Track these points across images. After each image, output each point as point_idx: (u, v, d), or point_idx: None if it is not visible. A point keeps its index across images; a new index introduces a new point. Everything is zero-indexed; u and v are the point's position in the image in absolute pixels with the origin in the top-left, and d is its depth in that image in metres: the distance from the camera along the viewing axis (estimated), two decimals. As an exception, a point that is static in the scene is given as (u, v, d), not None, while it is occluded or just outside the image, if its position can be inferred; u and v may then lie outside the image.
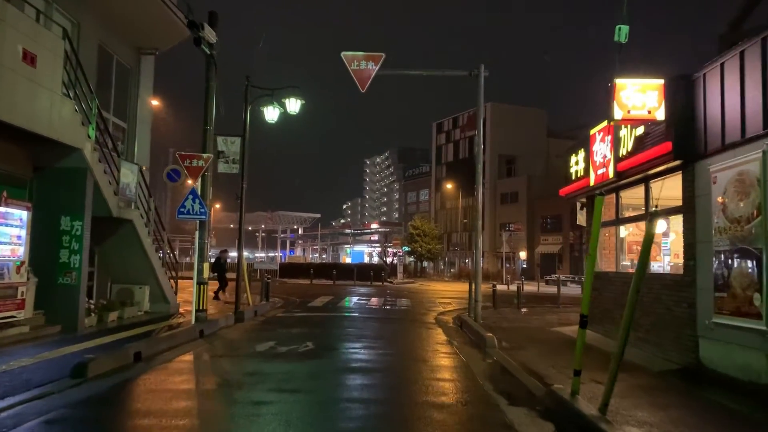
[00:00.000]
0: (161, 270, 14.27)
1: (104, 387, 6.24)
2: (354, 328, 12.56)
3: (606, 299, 11.09)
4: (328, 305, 17.98)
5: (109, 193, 11.57)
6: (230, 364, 7.99)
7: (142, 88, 15.99)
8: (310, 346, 9.30)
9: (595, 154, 10.70)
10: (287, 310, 16.17)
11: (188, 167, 11.49)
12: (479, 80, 13.89)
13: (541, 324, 13.58)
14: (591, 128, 10.89)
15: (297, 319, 13.98)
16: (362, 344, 9.95)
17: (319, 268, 36.55)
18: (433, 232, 55.79)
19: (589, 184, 10.96)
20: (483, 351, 9.46)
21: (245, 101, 14.66)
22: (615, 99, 8.00)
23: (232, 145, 14.78)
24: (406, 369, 7.84)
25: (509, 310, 17.14)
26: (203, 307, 11.81)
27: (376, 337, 11.05)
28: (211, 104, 12.26)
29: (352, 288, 29.40)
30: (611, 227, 11.93)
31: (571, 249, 50.65)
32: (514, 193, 56.58)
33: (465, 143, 64.13)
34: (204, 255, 12.02)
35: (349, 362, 8.22)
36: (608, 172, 9.98)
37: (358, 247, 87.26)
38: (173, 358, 8.20)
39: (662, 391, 6.75)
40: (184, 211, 11.44)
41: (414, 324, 13.53)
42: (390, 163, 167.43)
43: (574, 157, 12.02)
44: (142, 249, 13.32)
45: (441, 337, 11.26)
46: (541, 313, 16.72)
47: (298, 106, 14.89)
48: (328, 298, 20.89)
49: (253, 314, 14.49)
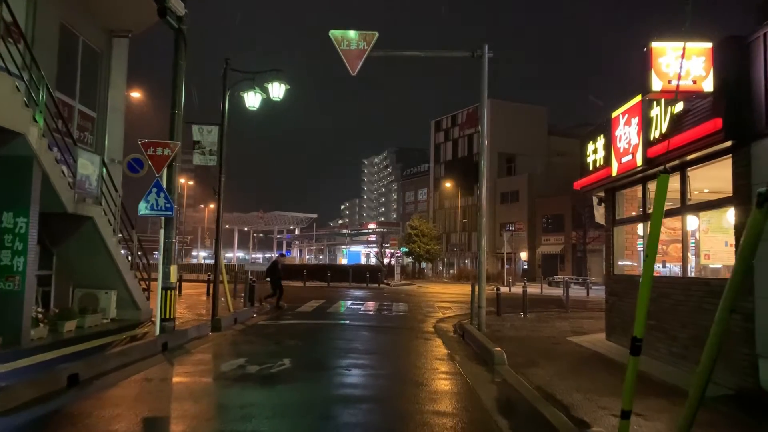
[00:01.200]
0: (130, 273, 12.82)
1: (6, 427, 4.81)
2: (342, 339, 11.13)
3: (629, 306, 9.66)
4: (317, 311, 16.54)
5: (61, 185, 10.11)
6: (181, 391, 6.54)
7: (115, 75, 14.53)
8: (287, 364, 7.85)
9: (618, 140, 9.29)
10: (272, 317, 14.73)
11: (152, 156, 10.06)
12: (483, 62, 12.49)
13: (552, 333, 12.16)
14: (613, 110, 9.48)
15: (280, 328, 12.53)
16: (349, 361, 8.51)
17: (312, 270, 35.10)
18: (432, 232, 54.36)
19: (611, 174, 9.54)
20: (490, 369, 8.04)
21: (224, 86, 13.24)
22: (652, 67, 6.59)
23: (209, 134, 13.38)
24: (399, 397, 6.40)
25: (515, 316, 15.72)
26: (170, 316, 10.38)
27: (367, 351, 9.61)
28: (180, 86, 10.83)
29: (346, 291, 27.96)
30: (633, 224, 10.52)
31: (573, 249, 49.23)
32: (515, 192, 55.16)
33: (464, 141, 62.71)
34: (171, 256, 10.58)
35: (328, 389, 6.76)
36: (635, 160, 8.56)
37: (354, 248, 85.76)
38: (117, 381, 6.77)
39: (724, 428, 5.32)
40: (146, 206, 10.02)
41: (411, 334, 12.10)
42: (388, 163, 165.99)
43: (591, 145, 10.60)
44: (106, 250, 11.86)
45: (441, 350, 9.84)
46: (550, 319, 15.30)
47: (282, 92, 13.48)
48: (319, 302, 19.45)
49: (233, 322, 13.06)
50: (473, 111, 61.17)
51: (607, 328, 10.65)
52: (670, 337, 8.19)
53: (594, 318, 15.61)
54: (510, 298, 20.01)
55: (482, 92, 12.62)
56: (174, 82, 10.81)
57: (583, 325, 13.65)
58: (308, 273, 33.12)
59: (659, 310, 8.46)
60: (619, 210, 10.41)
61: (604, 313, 10.95)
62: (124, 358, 7.92)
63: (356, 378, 7.33)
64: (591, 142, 10.60)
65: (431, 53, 13.22)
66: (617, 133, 9.33)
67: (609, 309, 10.54)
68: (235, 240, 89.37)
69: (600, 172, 10.09)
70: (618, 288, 10.14)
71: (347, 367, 7.98)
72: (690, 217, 9.51)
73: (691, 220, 10.50)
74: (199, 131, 13.17)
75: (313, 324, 13.49)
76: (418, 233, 53.14)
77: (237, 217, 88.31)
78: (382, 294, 26.29)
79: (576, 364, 8.62)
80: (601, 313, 18.08)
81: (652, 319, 8.73)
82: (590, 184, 10.69)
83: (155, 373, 7.32)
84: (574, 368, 8.30)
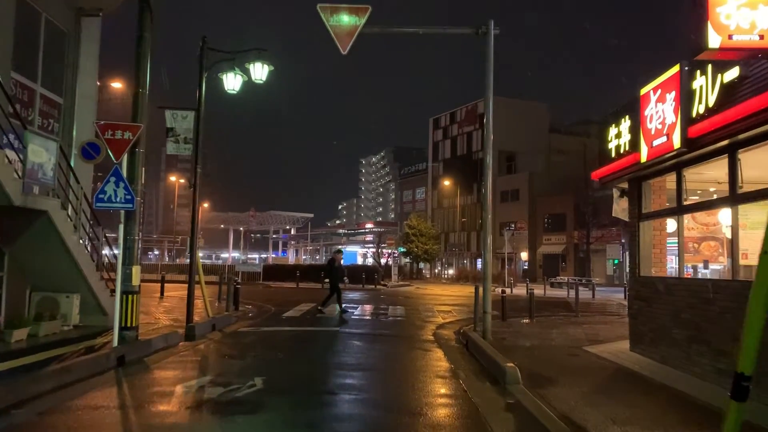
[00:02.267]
0: (95, 274, 11.50)
1: None
2: (330, 351, 9.81)
3: (660, 313, 8.36)
4: (306, 316, 15.20)
5: (5, 174, 8.77)
6: (111, 428, 5.21)
7: (85, 58, 13.20)
8: (258, 385, 6.52)
9: (648, 120, 7.99)
10: (255, 323, 13.38)
11: (110, 140, 8.73)
12: (488, 39, 11.19)
13: (566, 341, 10.85)
14: (642, 87, 8.18)
15: (260, 337, 11.20)
16: (334, 382, 7.19)
17: (306, 271, 33.72)
18: (430, 231, 53.02)
19: (639, 160, 8.23)
20: (501, 389, 6.73)
21: (200, 67, 11.90)
22: (708, 18, 5.29)
23: (184, 120, 12.04)
24: (392, 432, 5.08)
25: (521, 322, 14.42)
26: (132, 324, 9.05)
27: (357, 367, 8.27)
28: (144, 61, 9.50)
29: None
30: (662, 219, 9.22)
31: (575, 249, 47.99)
32: (515, 191, 53.88)
33: (463, 139, 61.40)
34: (133, 256, 9.25)
35: (302, 425, 5.40)
36: (671, 142, 7.26)
37: (351, 248, 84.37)
38: (45, 408, 5.45)
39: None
40: (103, 198, 8.68)
41: (409, 343, 10.77)
42: (386, 162, 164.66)
43: (613, 129, 9.29)
44: (64, 248, 10.54)
45: (442, 364, 8.52)
46: (560, 324, 13.99)
47: (266, 73, 12.14)
48: (309, 305, 18.10)
49: (210, 329, 11.72)
50: (472, 108, 59.90)
51: (632, 337, 9.35)
52: (715, 351, 6.88)
53: (608, 323, 14.34)
54: (513, 300, 18.68)
55: (487, 74, 11.32)
56: (137, 57, 9.47)
57: (599, 332, 12.35)
58: (302, 274, 31.76)
59: (702, 318, 7.17)
60: (646, 203, 9.11)
61: (628, 319, 9.65)
62: (62, 378, 6.59)
63: (341, 407, 5.98)
64: (613, 126, 9.29)
65: (430, 30, 11.93)
66: (647, 113, 8.02)
67: (634, 315, 9.23)
68: (230, 240, 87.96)
69: (624, 159, 8.79)
70: (646, 292, 8.83)
71: (331, 390, 6.64)
72: (726, 212, 8.24)
73: (725, 214, 9.19)
74: (173, 117, 11.84)
75: (299, 332, 12.15)
76: (416, 233, 51.79)
77: (233, 216, 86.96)
78: (379, 296, 24.97)
79: (603, 383, 7.31)
80: (614, 317, 16.84)
81: (691, 329, 7.43)
82: (612, 174, 9.38)
83: (92, 399, 5.97)
84: (601, 388, 7.00)
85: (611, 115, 9.42)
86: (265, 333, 11.69)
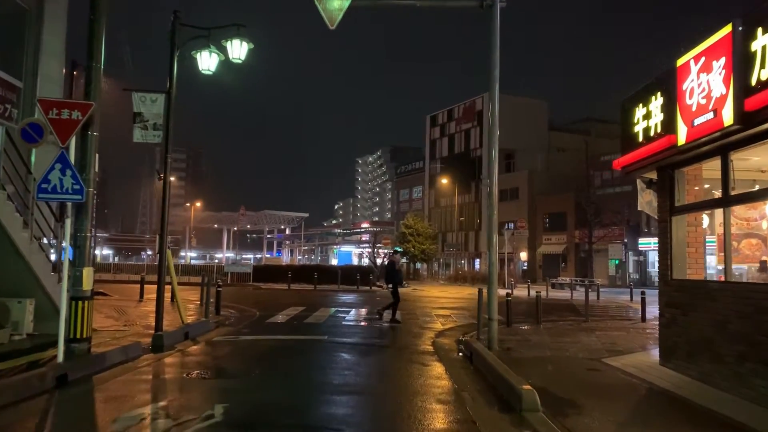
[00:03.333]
0: (51, 277, 10.23)
1: None
2: (314, 367, 8.54)
3: (699, 324, 7.12)
4: (293, 322, 13.92)
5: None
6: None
7: (48, 38, 11.95)
8: (216, 417, 5.23)
9: (687, 95, 6.75)
10: (234, 330, 12.11)
11: (55, 121, 7.46)
12: (494, 12, 9.98)
13: (582, 351, 9.62)
14: (678, 57, 6.95)
15: (236, 348, 9.93)
16: (312, 412, 5.90)
17: (298, 271, 32.39)
18: (427, 231, 51.77)
19: (675, 143, 6.98)
20: (516, 417, 5.50)
21: (172, 44, 10.62)
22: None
23: (153, 104, 10.78)
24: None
25: (528, 328, 13.18)
26: (83, 335, 7.80)
27: (341, 389, 6.96)
28: (98, 29, 8.21)
29: (334, 295, 25.34)
30: (698, 213, 7.99)
31: (576, 249, 46.82)
32: (514, 189, 52.63)
33: (461, 137, 60.15)
34: (84, 256, 7.97)
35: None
36: (720, 118, 6.02)
37: (345, 248, 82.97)
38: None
39: None
40: (47, 188, 7.41)
41: (405, 355, 9.51)
42: (382, 162, 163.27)
43: (640, 109, 8.04)
44: (13, 247, 9.28)
45: (444, 383, 7.26)
46: (571, 331, 12.76)
47: (245, 52, 10.88)
48: (298, 309, 16.85)
49: (182, 337, 10.46)
50: (470, 105, 58.68)
51: (663, 349, 8.11)
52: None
53: (623, 330, 13.09)
54: (515, 302, 17.42)
55: (492, 50, 10.10)
56: (90, 25, 8.18)
57: (615, 340, 11.12)
58: (294, 274, 30.43)
59: (756, 331, 5.94)
60: (679, 194, 7.87)
61: (659, 328, 8.40)
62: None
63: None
64: (640, 105, 8.04)
65: (430, 2, 10.69)
66: (686, 86, 6.79)
67: (666, 324, 7.99)
68: (224, 240, 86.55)
69: (656, 142, 7.54)
70: (681, 298, 7.59)
71: (307, 425, 5.37)
72: None
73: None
74: (141, 100, 10.57)
75: (281, 341, 10.86)
76: (412, 232, 50.54)
77: (226, 216, 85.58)
78: (374, 298, 23.71)
79: (637, 408, 6.08)
80: (627, 322, 15.41)
81: (742, 344, 6.20)
82: (639, 161, 8.12)
83: (4, 435, 4.71)
84: (637, 416, 5.77)
85: (636, 95, 8.17)
86: (244, 343, 10.41)
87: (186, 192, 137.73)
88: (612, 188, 44.83)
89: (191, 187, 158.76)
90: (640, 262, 43.44)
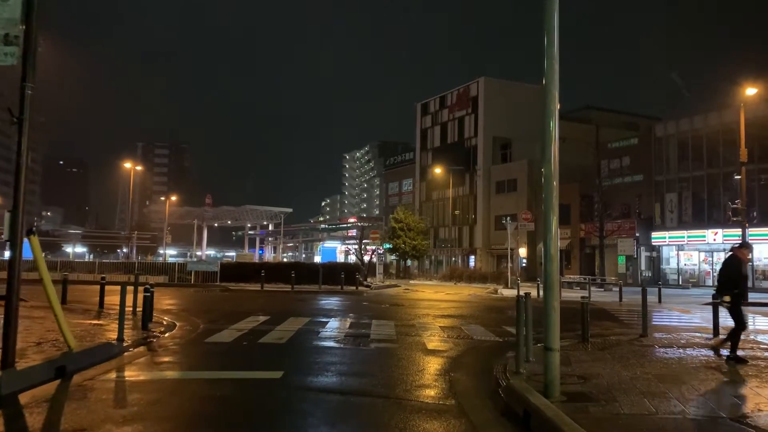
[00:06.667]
0: None
1: None
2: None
3: None
4: (242, 342, 9.83)
5: None
6: None
7: None
8: None
9: None
10: (147, 359, 8.06)
11: None
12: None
13: (695, 400, 5.71)
14: None
15: (120, 399, 5.90)
16: None
17: (273, 270, 28.10)
18: (419, 225, 47.89)
19: None
20: None
21: None
22: None
23: (4, 6, 6.76)
24: None
25: (579, 351, 9.23)
26: None
27: None
28: None
29: (312, 298, 21.24)
30: None
31: (581, 245, 43.12)
32: (512, 181, 48.83)
33: (454, 125, 56.16)
34: None
35: None
36: None
37: (330, 243, 78.67)
38: None
39: None
40: None
41: (409, 419, 5.52)
42: (370, 158, 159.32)
43: None
44: None
45: None
46: (639, 355, 8.86)
47: None
48: (259, 320, 12.82)
49: (49, 374, 6.45)
50: (464, 91, 54.76)
51: None
52: None
53: (713, 352, 8.93)
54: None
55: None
56: None
57: (743, 387, 7.24)
58: (268, 273, 26.25)
59: None
60: None
61: None
62: None
63: None
64: None
65: None
66: None
67: None
68: (204, 236, 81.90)
69: None
70: None
71: None
72: None
73: None
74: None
75: (206, 385, 6.73)
76: (403, 227, 46.66)
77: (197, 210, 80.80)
78: (360, 302, 19.74)
79: None
80: (693, 333, 10.49)
81: None
82: None
83: None
84: None
85: None
86: (142, 387, 6.36)
87: (168, 188, 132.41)
88: (621, 178, 41.21)
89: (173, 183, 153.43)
90: (652, 259, 39.76)
